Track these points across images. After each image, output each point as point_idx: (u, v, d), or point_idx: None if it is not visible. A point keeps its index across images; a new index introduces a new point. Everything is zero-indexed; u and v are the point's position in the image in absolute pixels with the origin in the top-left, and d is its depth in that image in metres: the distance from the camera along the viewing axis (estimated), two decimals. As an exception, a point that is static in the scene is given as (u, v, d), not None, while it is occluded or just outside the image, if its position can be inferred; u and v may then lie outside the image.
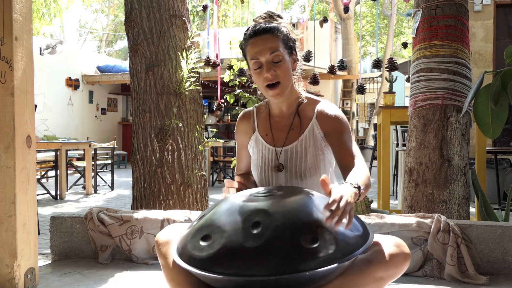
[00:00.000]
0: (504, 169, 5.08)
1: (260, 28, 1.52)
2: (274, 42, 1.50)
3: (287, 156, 1.59)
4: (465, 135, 2.55)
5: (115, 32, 23.24)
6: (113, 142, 7.62)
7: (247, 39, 1.54)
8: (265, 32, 1.51)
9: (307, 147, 1.57)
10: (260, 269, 1.06)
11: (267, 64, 1.50)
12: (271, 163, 1.61)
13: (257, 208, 1.19)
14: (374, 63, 4.04)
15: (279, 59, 1.50)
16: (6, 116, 1.86)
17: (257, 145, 1.66)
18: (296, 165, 1.57)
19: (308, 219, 1.15)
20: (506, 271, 2.09)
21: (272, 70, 1.49)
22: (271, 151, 1.62)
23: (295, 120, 1.61)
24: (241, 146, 1.74)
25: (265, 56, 1.50)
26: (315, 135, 1.58)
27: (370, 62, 19.97)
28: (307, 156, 1.57)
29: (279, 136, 1.62)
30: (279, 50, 1.50)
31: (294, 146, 1.59)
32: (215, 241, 1.14)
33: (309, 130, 1.58)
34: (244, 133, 1.72)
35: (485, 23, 6.36)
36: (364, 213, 2.82)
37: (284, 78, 1.52)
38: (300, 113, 1.62)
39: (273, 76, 1.50)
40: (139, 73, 3.14)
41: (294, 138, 1.60)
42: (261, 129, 1.67)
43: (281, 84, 1.52)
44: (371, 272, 1.21)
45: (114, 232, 2.36)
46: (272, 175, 1.61)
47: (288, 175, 1.59)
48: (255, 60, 1.51)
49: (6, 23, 1.86)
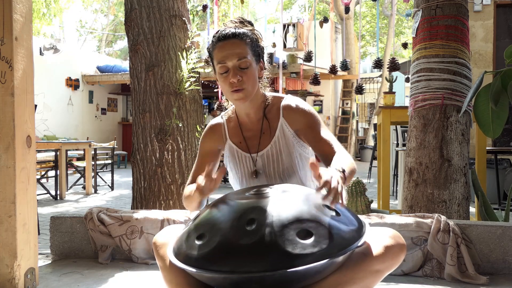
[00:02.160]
0: (504, 169, 5.08)
1: (229, 32, 1.50)
2: (242, 48, 1.48)
3: (264, 161, 1.57)
4: (465, 135, 2.55)
5: (115, 32, 23.24)
6: (113, 142, 7.62)
7: (215, 42, 1.52)
8: (234, 37, 1.49)
9: (281, 148, 1.56)
10: (255, 266, 1.06)
11: (233, 69, 1.47)
12: (250, 170, 1.59)
13: (251, 205, 1.19)
14: (375, 63, 4.04)
15: (246, 66, 1.48)
16: (6, 116, 1.86)
17: (231, 154, 1.63)
18: (273, 168, 1.56)
19: (302, 214, 1.15)
20: (506, 271, 2.09)
21: (238, 76, 1.47)
22: (247, 158, 1.60)
23: (264, 124, 1.59)
24: (206, 153, 1.66)
25: (232, 61, 1.47)
26: (286, 134, 1.57)
27: (370, 62, 19.93)
28: (282, 157, 1.56)
29: (252, 143, 1.60)
30: (247, 57, 1.48)
31: (269, 150, 1.57)
32: (210, 239, 1.15)
33: (279, 130, 1.57)
34: (213, 141, 1.66)
35: (485, 23, 6.36)
36: (364, 213, 2.82)
37: (249, 84, 1.49)
38: (267, 115, 1.60)
39: (238, 82, 1.47)
40: (139, 73, 3.14)
41: (267, 143, 1.58)
42: (233, 137, 1.63)
43: (246, 90, 1.49)
44: (368, 265, 1.21)
45: (114, 232, 2.36)
46: (252, 182, 1.59)
47: (268, 179, 1.57)
48: (222, 65, 1.49)
49: (6, 23, 1.86)
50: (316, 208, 1.17)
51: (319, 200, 1.20)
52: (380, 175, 4.31)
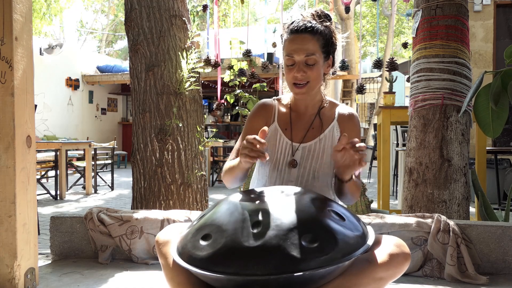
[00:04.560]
0: (504, 169, 5.08)
1: (302, 26, 1.51)
2: (313, 44, 1.50)
3: (304, 153, 1.59)
4: (465, 135, 2.55)
5: (115, 32, 23.24)
6: (113, 142, 7.62)
7: (288, 32, 1.54)
8: (306, 32, 1.50)
9: (325, 147, 1.60)
10: (260, 269, 1.06)
11: (299, 64, 1.50)
12: (286, 158, 1.60)
13: (257, 208, 1.19)
14: (375, 63, 4.04)
15: (312, 62, 1.51)
16: (6, 116, 1.86)
17: (274, 137, 1.63)
18: (311, 163, 1.58)
19: (308, 218, 1.15)
20: (506, 271, 2.09)
21: (303, 72, 1.50)
22: (289, 145, 1.61)
23: (316, 120, 1.63)
24: (254, 130, 1.60)
25: (300, 56, 1.50)
26: (334, 136, 1.61)
27: (370, 62, 19.92)
28: (324, 156, 1.59)
29: (298, 133, 1.63)
30: (315, 55, 1.50)
31: (313, 144, 1.60)
32: (215, 240, 1.14)
33: (329, 130, 1.61)
34: (263, 119, 1.66)
35: (485, 23, 6.36)
36: (364, 213, 2.82)
37: (313, 81, 1.53)
38: (321, 115, 1.64)
39: (302, 77, 1.51)
40: (139, 73, 3.14)
41: (313, 137, 1.61)
42: (280, 122, 1.65)
43: (308, 86, 1.53)
44: (371, 272, 1.21)
45: (114, 232, 2.36)
46: (285, 171, 1.59)
47: (302, 172, 1.58)
48: (290, 57, 1.52)
49: (6, 23, 1.86)
50: (321, 213, 1.17)
51: (325, 205, 1.21)
52: (380, 175, 4.31)
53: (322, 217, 1.15)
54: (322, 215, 1.16)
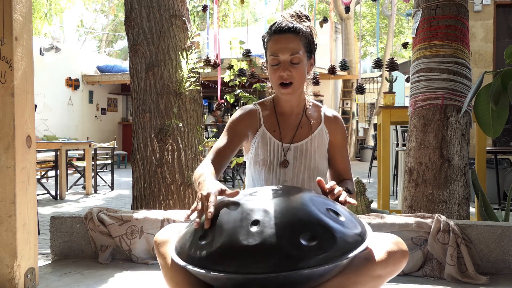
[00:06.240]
0: (504, 169, 5.08)
1: (285, 26, 1.54)
2: (296, 43, 1.53)
3: (296, 153, 1.63)
4: (465, 135, 2.55)
5: (115, 32, 23.24)
6: (113, 142, 7.62)
7: (271, 33, 1.57)
8: (290, 32, 1.53)
9: (317, 146, 1.64)
10: (259, 267, 1.06)
11: (284, 63, 1.53)
12: (279, 159, 1.63)
13: (256, 206, 1.19)
14: (375, 63, 4.04)
15: (297, 61, 1.53)
16: (6, 116, 1.86)
17: (263, 141, 1.65)
18: (305, 162, 1.62)
19: (307, 217, 1.15)
20: (506, 271, 2.09)
21: (288, 71, 1.53)
22: (280, 147, 1.64)
23: (303, 119, 1.66)
24: (236, 134, 1.62)
25: (284, 56, 1.53)
26: (323, 138, 1.66)
27: (370, 62, 19.93)
28: (316, 155, 1.63)
29: (287, 133, 1.65)
30: (299, 53, 1.53)
31: (305, 143, 1.64)
32: (214, 239, 1.14)
33: (318, 131, 1.66)
34: (247, 125, 1.65)
35: (485, 23, 6.37)
36: (364, 213, 2.82)
37: (298, 80, 1.56)
38: (307, 114, 1.67)
39: (288, 76, 1.53)
40: (139, 73, 3.14)
41: (304, 136, 1.64)
42: (267, 125, 1.67)
43: (294, 85, 1.56)
44: (370, 270, 1.21)
45: (114, 232, 2.36)
46: (279, 171, 1.63)
47: (296, 171, 1.62)
48: (275, 57, 1.54)
49: (6, 23, 1.86)
50: (320, 212, 1.17)
51: (323, 204, 1.21)
52: (380, 175, 4.31)
53: (320, 215, 1.16)
54: (320, 213, 1.16)
